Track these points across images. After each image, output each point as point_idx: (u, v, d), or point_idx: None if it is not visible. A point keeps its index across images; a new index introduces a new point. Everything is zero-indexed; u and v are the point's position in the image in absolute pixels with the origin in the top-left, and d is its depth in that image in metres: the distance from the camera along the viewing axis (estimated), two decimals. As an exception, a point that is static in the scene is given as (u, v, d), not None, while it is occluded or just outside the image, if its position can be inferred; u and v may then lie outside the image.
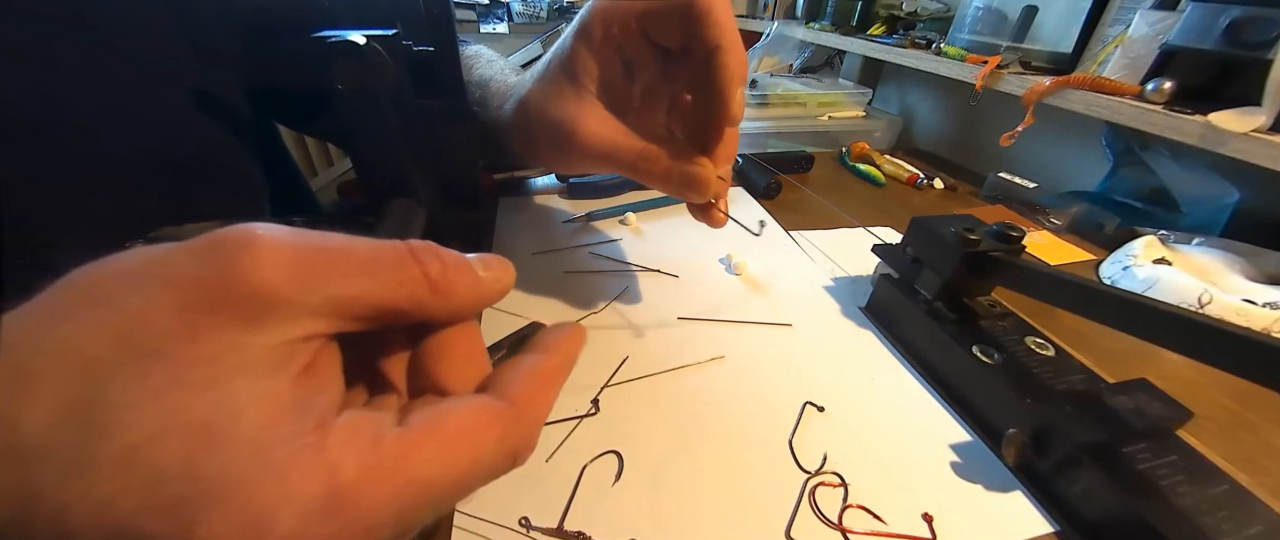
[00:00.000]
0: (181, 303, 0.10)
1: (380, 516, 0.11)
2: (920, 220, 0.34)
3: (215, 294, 0.10)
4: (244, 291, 0.11)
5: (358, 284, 0.12)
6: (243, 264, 0.11)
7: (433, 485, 0.12)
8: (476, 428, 0.13)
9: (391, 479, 0.11)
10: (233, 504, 0.10)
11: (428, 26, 0.30)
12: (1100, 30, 0.56)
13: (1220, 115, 0.42)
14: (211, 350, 0.10)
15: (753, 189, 0.56)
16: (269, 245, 0.11)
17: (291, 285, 0.11)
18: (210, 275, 0.11)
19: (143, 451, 0.09)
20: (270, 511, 0.10)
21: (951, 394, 0.31)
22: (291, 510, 0.10)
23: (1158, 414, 0.25)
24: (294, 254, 0.11)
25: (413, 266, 0.13)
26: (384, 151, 0.31)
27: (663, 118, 0.31)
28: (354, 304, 0.12)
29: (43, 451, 0.09)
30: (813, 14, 0.98)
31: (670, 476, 0.25)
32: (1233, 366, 0.20)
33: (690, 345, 0.33)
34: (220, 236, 0.11)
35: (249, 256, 0.11)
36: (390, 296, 0.12)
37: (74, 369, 0.10)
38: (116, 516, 0.09)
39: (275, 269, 0.11)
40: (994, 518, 0.24)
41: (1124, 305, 0.24)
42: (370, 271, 0.12)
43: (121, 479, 0.09)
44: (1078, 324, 0.30)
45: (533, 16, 1.92)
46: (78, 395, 0.10)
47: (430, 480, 0.12)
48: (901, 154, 0.71)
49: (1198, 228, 0.49)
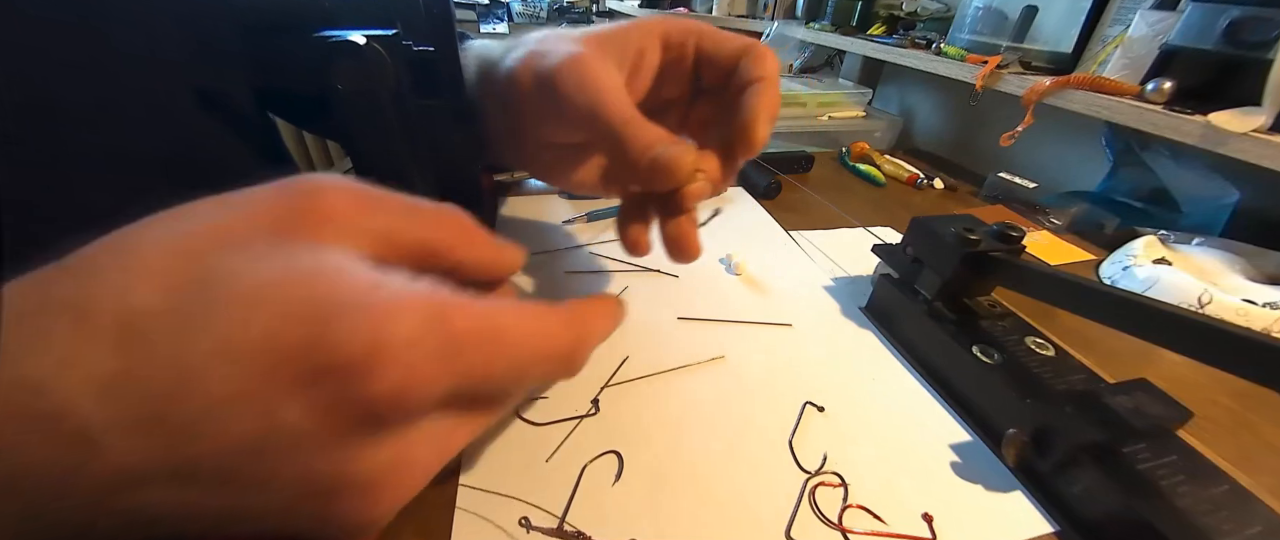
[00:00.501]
0: (268, 217, 0.13)
1: (468, 345, 0.13)
2: (920, 220, 0.34)
3: (294, 213, 0.13)
4: (316, 217, 0.13)
5: (402, 218, 0.15)
6: (314, 196, 0.13)
7: (510, 337, 0.14)
8: (543, 311, 0.15)
9: (478, 318, 0.13)
10: (359, 312, 0.11)
11: (428, 26, 0.30)
12: (1100, 30, 0.56)
13: (1220, 115, 0.42)
14: (296, 243, 0.12)
15: (753, 189, 0.56)
16: (332, 184, 0.13)
17: (351, 212, 0.13)
18: (286, 201, 0.13)
19: (267, 290, 0.11)
20: (392, 315, 0.12)
21: (951, 394, 0.30)
22: (408, 319, 0.12)
23: (1158, 414, 0.25)
24: (352, 192, 0.14)
25: (448, 212, 0.16)
26: (384, 151, 0.31)
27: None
28: (398, 233, 0.14)
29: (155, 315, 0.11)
30: (813, 14, 0.98)
31: (670, 476, 0.25)
32: (1233, 366, 0.20)
33: (690, 345, 0.33)
34: (290, 180, 0.13)
35: (319, 191, 0.13)
36: (427, 232, 0.15)
37: (177, 253, 0.12)
38: (250, 338, 0.11)
39: (340, 199, 0.13)
40: (994, 518, 0.24)
41: (1124, 305, 0.24)
42: (412, 212, 0.15)
43: (242, 313, 0.11)
44: (1078, 324, 0.30)
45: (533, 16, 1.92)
46: (186, 274, 0.11)
47: (508, 331, 0.14)
48: (901, 154, 0.71)
49: (1198, 228, 0.49)
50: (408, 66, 0.30)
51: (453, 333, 0.12)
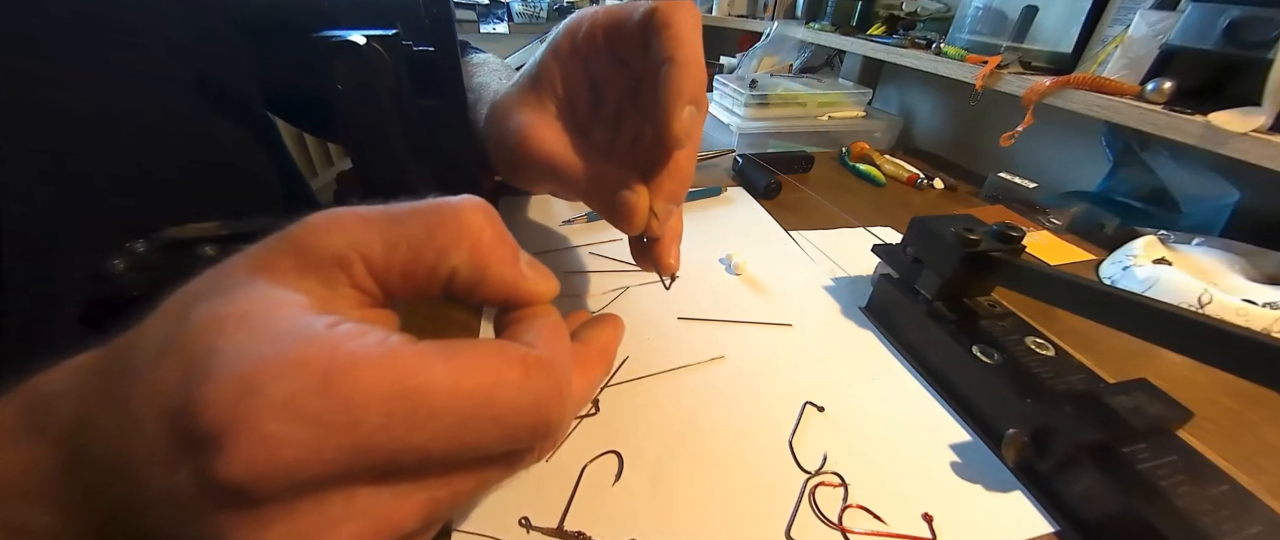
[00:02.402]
0: (253, 259, 0.13)
1: (368, 409, 0.11)
2: (920, 220, 0.34)
3: (275, 251, 0.13)
4: (299, 247, 0.13)
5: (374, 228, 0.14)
6: (301, 229, 0.13)
7: (431, 399, 0.11)
8: (496, 362, 0.12)
9: (386, 375, 0.11)
10: (236, 368, 0.10)
11: (428, 26, 0.30)
12: (1100, 30, 0.56)
13: (1220, 115, 0.42)
14: (267, 279, 0.13)
15: (753, 189, 0.56)
16: (322, 216, 0.14)
17: (318, 236, 0.13)
18: (273, 241, 0.13)
19: (200, 335, 0.11)
20: (266, 377, 0.10)
21: (951, 394, 0.30)
22: (286, 381, 0.10)
23: (1158, 414, 0.25)
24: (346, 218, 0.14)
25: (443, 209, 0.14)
26: (384, 151, 0.31)
27: (628, 149, 0.28)
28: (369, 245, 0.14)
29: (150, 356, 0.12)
30: (813, 14, 0.98)
31: (670, 476, 0.25)
32: (1233, 366, 0.20)
33: (690, 345, 0.33)
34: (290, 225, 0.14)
35: (306, 225, 0.13)
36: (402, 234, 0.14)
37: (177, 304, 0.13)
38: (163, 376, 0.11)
39: (327, 232, 0.13)
40: (994, 518, 0.24)
41: (1124, 305, 0.24)
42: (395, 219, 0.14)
43: (179, 355, 0.11)
44: (1078, 324, 0.30)
45: (533, 16, 1.92)
46: (177, 316, 0.12)
47: (429, 392, 0.11)
48: (901, 154, 0.71)
49: (1198, 228, 0.49)
50: (408, 66, 0.30)
51: (342, 398, 0.11)
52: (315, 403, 0.10)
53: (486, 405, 0.12)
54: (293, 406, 0.10)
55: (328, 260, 0.13)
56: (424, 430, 0.11)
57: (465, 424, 0.12)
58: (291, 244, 0.13)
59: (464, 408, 0.12)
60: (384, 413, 0.11)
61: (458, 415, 0.12)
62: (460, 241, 0.14)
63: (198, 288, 0.13)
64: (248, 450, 0.10)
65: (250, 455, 0.10)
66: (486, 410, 0.12)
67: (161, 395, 0.11)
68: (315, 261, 0.13)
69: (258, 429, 0.10)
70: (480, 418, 0.12)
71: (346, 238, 0.13)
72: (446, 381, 0.11)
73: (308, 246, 0.13)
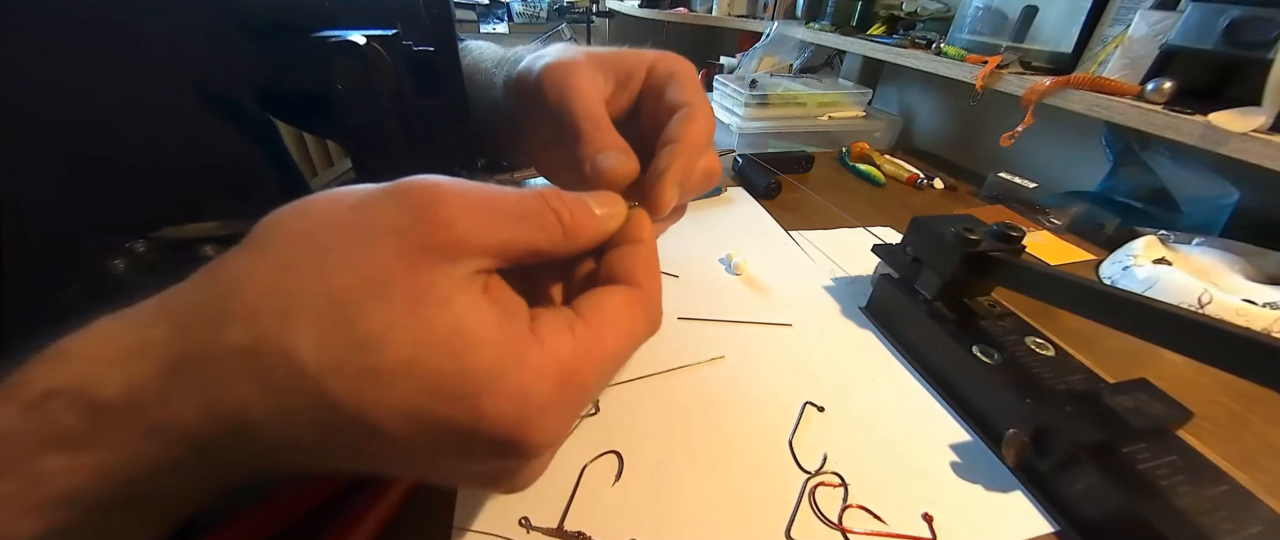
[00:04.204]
0: (400, 247, 0.13)
1: (594, 383, 0.15)
2: (920, 220, 0.34)
3: (423, 238, 0.14)
4: (443, 237, 0.14)
5: (516, 229, 0.15)
6: (440, 213, 0.14)
7: (617, 354, 0.16)
8: (630, 308, 0.17)
9: (594, 354, 0.15)
10: (504, 385, 0.13)
11: (428, 26, 0.30)
12: (1100, 30, 0.56)
13: (1220, 115, 0.42)
14: (429, 279, 0.13)
15: (753, 189, 0.56)
16: (453, 198, 0.14)
17: (472, 231, 0.14)
18: (416, 223, 0.14)
19: (421, 360, 0.13)
20: (531, 387, 0.13)
21: (951, 394, 0.30)
22: (543, 385, 0.14)
23: (1158, 414, 0.25)
24: (468, 201, 0.14)
25: (549, 213, 0.16)
26: (384, 151, 0.31)
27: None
28: (512, 247, 0.15)
29: (330, 369, 0.12)
30: (813, 14, 0.98)
31: (670, 476, 0.25)
32: (1233, 366, 0.20)
33: (690, 345, 0.33)
34: (413, 189, 0.14)
35: (444, 207, 0.14)
36: (535, 240, 0.16)
37: (324, 306, 0.13)
38: (414, 409, 0.13)
39: (463, 217, 0.14)
40: (994, 518, 0.24)
41: (1124, 305, 0.24)
42: (523, 218, 0.15)
43: (410, 382, 0.12)
44: (1078, 324, 0.30)
45: (533, 16, 1.92)
46: (336, 323, 0.12)
47: (615, 352, 0.16)
48: (901, 154, 0.72)
49: (1198, 228, 0.49)
50: (408, 66, 0.30)
51: (581, 385, 0.15)
52: (565, 394, 0.14)
53: (635, 338, 0.17)
54: (554, 404, 0.14)
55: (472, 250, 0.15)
56: (613, 374, 0.16)
57: (626, 358, 0.16)
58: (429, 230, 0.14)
59: (627, 349, 0.16)
60: (598, 379, 0.15)
61: (624, 356, 0.16)
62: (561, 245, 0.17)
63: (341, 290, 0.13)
64: (536, 436, 0.14)
65: (540, 438, 0.14)
66: (635, 342, 0.17)
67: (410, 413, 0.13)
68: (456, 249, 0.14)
69: (540, 422, 0.14)
70: (632, 348, 0.17)
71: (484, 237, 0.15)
72: (616, 338, 0.16)
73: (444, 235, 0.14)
